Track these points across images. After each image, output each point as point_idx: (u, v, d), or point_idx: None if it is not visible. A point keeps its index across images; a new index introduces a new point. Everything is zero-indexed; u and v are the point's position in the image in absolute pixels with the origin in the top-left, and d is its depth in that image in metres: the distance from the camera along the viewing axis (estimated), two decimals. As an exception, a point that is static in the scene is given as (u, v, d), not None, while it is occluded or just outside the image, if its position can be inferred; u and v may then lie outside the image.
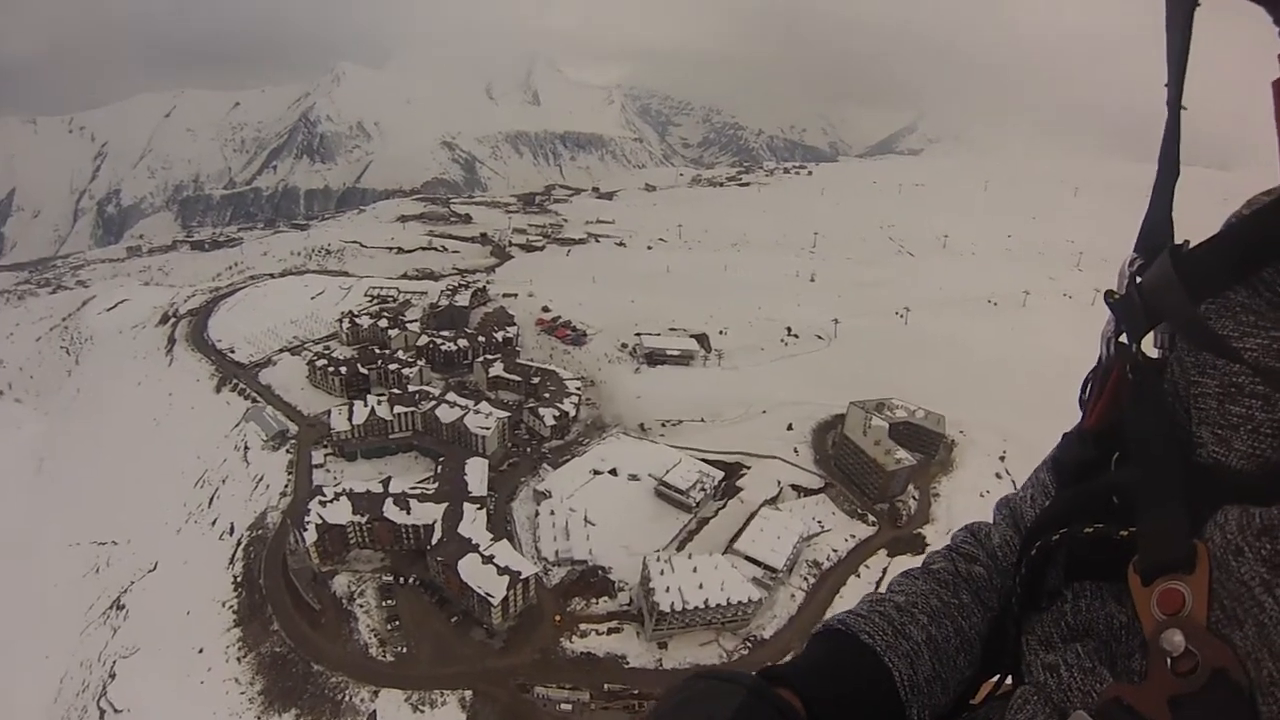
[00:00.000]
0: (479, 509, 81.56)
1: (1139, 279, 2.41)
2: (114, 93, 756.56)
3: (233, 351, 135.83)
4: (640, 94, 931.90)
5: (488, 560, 72.22)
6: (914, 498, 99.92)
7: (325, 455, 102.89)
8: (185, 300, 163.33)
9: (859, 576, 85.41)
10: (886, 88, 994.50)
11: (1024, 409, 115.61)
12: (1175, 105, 2.30)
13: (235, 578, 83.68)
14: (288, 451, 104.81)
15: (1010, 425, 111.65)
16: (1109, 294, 2.53)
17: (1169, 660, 1.69)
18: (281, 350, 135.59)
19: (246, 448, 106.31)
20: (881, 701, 2.54)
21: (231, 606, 79.95)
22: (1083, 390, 2.82)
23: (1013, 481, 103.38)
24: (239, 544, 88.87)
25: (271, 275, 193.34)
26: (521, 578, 71.90)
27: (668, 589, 72.34)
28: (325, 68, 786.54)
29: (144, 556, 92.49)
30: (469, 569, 71.42)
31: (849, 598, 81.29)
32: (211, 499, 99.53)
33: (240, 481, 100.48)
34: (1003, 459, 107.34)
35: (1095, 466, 2.54)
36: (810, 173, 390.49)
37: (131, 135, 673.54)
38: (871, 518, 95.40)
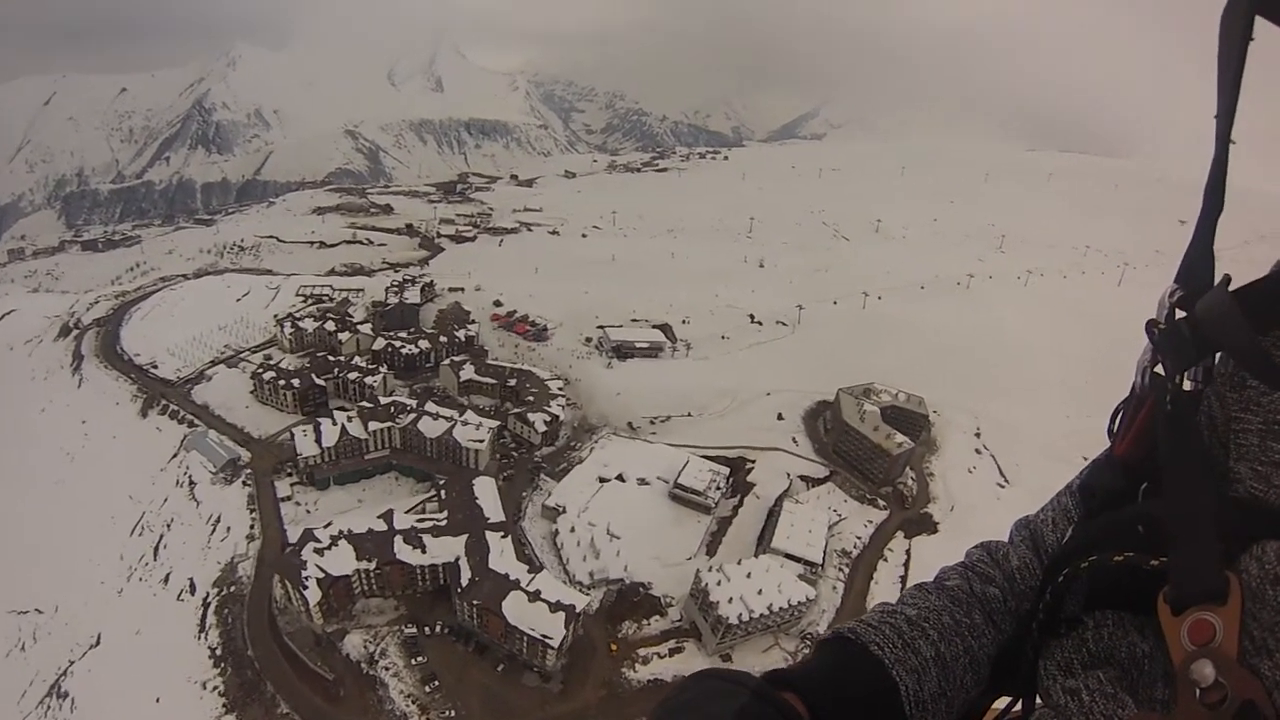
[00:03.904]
0: (503, 537, 71.41)
1: (1180, 311, 2.41)
2: None
3: (155, 366, 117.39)
4: (543, 80, 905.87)
5: (535, 597, 62.92)
6: (912, 479, 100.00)
7: (291, 485, 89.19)
8: (88, 308, 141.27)
9: (886, 560, 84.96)
10: (788, 73, 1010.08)
11: (986, 387, 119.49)
12: (1224, 139, 2.26)
13: (212, 649, 68.89)
14: (244, 483, 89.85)
15: (977, 404, 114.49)
16: (1151, 324, 2.49)
17: (1197, 691, 1.73)
18: (214, 362, 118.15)
19: (192, 482, 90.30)
20: (885, 714, 2.53)
21: (216, 688, 65.40)
22: (1112, 419, 2.81)
23: (993, 457, 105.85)
24: (206, 605, 73.99)
25: (185, 276, 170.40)
26: (577, 611, 63.28)
27: (730, 599, 68.55)
28: (219, 50, 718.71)
29: (80, 627, 75.98)
30: (515, 609, 61.88)
31: (884, 583, 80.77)
32: (156, 549, 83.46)
33: (191, 525, 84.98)
34: (978, 435, 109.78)
35: (1123, 495, 2.59)
36: (726, 157, 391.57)
37: (6, 126, 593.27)
38: (881, 502, 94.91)
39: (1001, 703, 3.01)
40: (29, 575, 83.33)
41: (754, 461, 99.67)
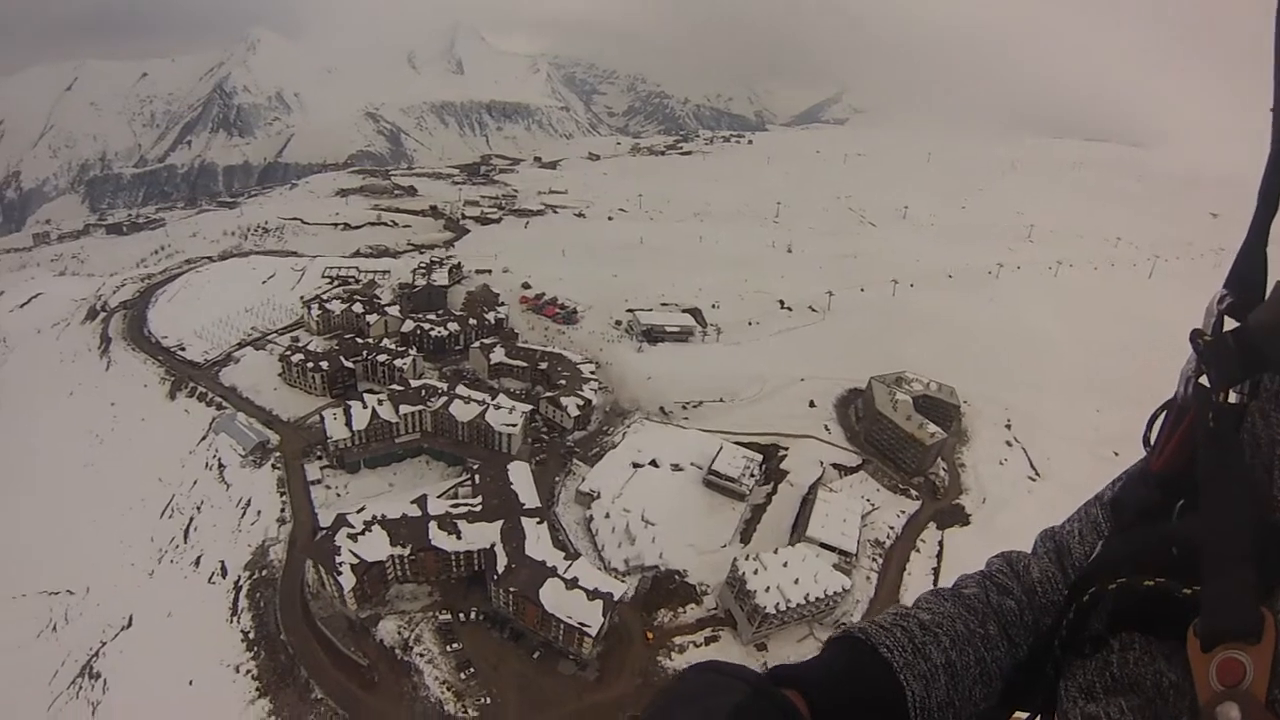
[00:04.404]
0: (539, 523, 70.04)
1: (1229, 319, 2.30)
2: (6, 65, 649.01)
3: (183, 348, 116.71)
4: (564, 63, 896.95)
5: (572, 585, 61.56)
6: (944, 470, 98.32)
7: (321, 468, 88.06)
8: (114, 291, 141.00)
9: (919, 551, 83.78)
10: (808, 60, 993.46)
11: (1016, 379, 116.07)
12: None
13: (245, 633, 67.93)
14: (274, 466, 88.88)
15: (1007, 395, 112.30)
16: (1196, 335, 2.38)
17: None
18: (242, 344, 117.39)
19: (221, 465, 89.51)
20: (890, 717, 2.49)
21: (249, 671, 64.36)
22: (1149, 426, 2.69)
23: (1024, 450, 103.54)
24: (238, 588, 73.06)
25: (210, 258, 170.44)
26: (614, 600, 61.90)
27: (767, 589, 67.49)
28: (239, 35, 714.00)
29: (112, 609, 75.38)
30: (552, 597, 60.61)
31: (916, 574, 79.83)
32: (187, 531, 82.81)
33: (221, 508, 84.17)
34: (1009, 427, 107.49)
35: (1157, 511, 2.47)
36: (750, 141, 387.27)
37: (29, 111, 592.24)
38: (913, 492, 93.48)
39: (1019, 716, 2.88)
40: (60, 556, 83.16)
41: (787, 449, 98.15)
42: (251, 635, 67.97)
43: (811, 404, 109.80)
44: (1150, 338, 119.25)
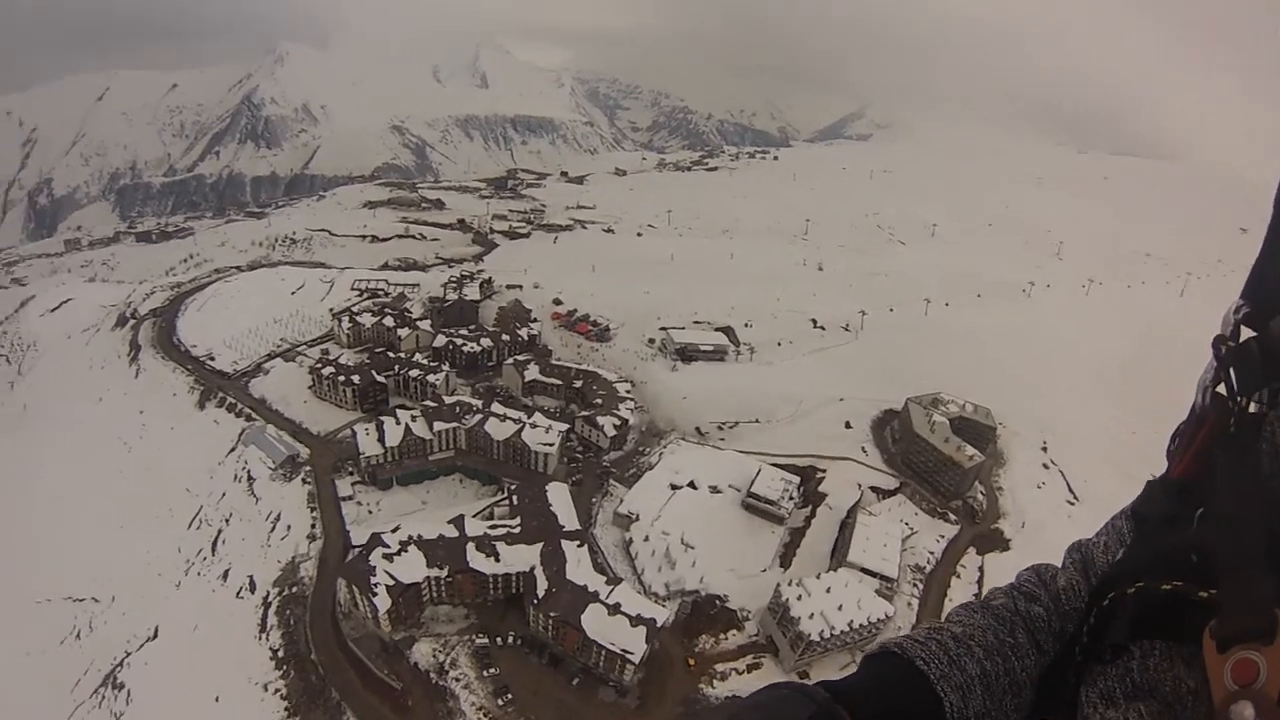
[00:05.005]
0: (579, 546, 67.82)
1: (1246, 328, 2.37)
2: (40, 74, 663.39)
3: (212, 358, 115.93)
4: (588, 77, 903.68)
5: (614, 610, 59.17)
6: (981, 493, 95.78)
7: (353, 484, 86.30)
8: (144, 299, 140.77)
9: (959, 577, 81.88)
10: (831, 74, 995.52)
11: (1050, 400, 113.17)
12: None
13: (274, 650, 66.04)
14: (304, 481, 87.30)
15: (1041, 416, 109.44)
16: (1219, 341, 2.44)
17: None
18: (271, 355, 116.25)
19: (251, 478, 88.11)
20: None
21: (278, 690, 62.47)
22: (1171, 440, 2.79)
23: (1061, 472, 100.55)
24: (266, 604, 71.29)
25: (239, 268, 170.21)
26: (658, 626, 59.49)
27: (811, 615, 65.63)
28: (266, 47, 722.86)
29: (137, 619, 73.91)
30: (595, 623, 58.29)
31: (958, 600, 77.07)
32: (215, 544, 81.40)
33: (250, 521, 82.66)
34: (1045, 449, 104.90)
35: (1178, 520, 2.53)
36: (776, 157, 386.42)
37: (62, 120, 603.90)
38: (952, 515, 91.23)
39: None
40: (85, 563, 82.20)
41: (824, 470, 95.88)
42: (280, 653, 66.10)
43: (848, 425, 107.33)
44: (1185, 356, 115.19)
